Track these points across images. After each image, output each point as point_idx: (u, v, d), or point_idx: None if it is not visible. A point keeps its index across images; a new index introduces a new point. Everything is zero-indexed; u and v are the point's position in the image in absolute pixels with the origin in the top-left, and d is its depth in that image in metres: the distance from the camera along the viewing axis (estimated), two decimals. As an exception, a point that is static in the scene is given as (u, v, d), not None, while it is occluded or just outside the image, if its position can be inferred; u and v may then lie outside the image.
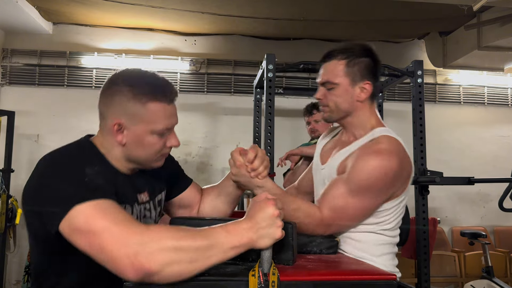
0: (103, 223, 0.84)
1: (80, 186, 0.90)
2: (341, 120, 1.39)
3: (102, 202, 0.88)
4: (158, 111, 1.01)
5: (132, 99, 0.99)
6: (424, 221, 2.58)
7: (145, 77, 1.04)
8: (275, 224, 0.86)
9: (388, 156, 1.21)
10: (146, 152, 1.04)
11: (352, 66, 1.30)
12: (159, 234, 0.82)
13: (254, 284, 0.84)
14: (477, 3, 3.21)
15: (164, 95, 1.02)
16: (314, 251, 1.16)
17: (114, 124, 1.01)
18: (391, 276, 0.91)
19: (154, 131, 1.02)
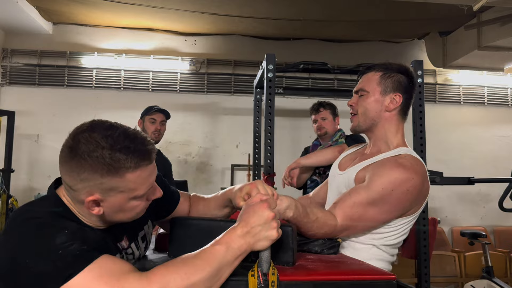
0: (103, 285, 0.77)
1: (56, 262, 0.78)
2: (368, 130, 1.40)
3: (91, 266, 0.79)
4: (138, 178, 0.88)
5: (107, 174, 0.85)
6: (424, 221, 2.58)
7: (115, 142, 0.85)
8: (270, 226, 0.85)
9: (413, 174, 1.23)
10: (128, 215, 0.94)
11: (386, 78, 1.38)
12: (166, 278, 0.79)
13: (254, 284, 0.84)
14: (477, 3, 3.21)
15: (143, 159, 0.88)
16: (315, 250, 1.16)
17: (88, 201, 0.88)
18: (391, 276, 0.91)
19: (136, 197, 0.90)
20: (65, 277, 0.77)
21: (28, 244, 0.81)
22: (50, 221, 0.86)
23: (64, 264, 0.78)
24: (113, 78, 4.50)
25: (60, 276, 0.77)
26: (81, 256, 0.79)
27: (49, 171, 4.09)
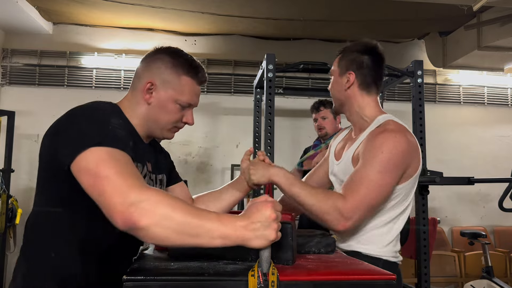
0: (111, 170, 0.88)
1: (103, 131, 0.96)
2: (342, 111, 1.50)
3: (116, 151, 0.92)
4: (188, 85, 1.14)
5: (170, 68, 1.12)
6: (424, 221, 2.58)
7: (186, 56, 1.17)
8: (271, 226, 0.85)
9: (396, 133, 1.30)
10: (165, 118, 1.14)
11: (342, 59, 1.47)
12: (157, 197, 0.85)
13: (254, 284, 0.84)
14: (477, 3, 3.22)
15: (197, 75, 1.15)
16: (312, 251, 1.16)
17: (147, 82, 1.12)
18: (391, 276, 0.91)
19: (178, 101, 1.13)
20: (97, 142, 0.91)
21: (89, 111, 1.02)
22: (112, 109, 1.08)
23: (104, 135, 0.94)
24: (113, 78, 4.50)
25: (94, 139, 0.92)
26: (119, 140, 0.95)
27: (49, 171, 4.08)
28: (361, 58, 1.43)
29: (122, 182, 0.86)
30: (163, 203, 0.84)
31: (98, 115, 1.01)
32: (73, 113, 1.04)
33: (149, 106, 1.14)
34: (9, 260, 4.11)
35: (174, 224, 0.82)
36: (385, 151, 1.26)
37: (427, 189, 2.62)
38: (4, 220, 3.58)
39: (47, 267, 1.04)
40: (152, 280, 0.85)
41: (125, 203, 0.83)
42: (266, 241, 0.85)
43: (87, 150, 0.91)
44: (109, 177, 0.87)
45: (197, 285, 0.86)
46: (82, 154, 0.91)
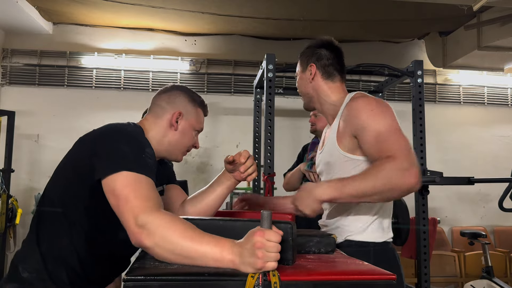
0: (131, 193, 1.01)
1: (138, 158, 1.09)
2: (312, 104, 1.55)
3: (144, 178, 1.05)
4: (201, 116, 1.39)
5: (190, 102, 1.36)
6: (424, 221, 2.59)
7: (195, 94, 1.41)
8: (255, 255, 0.84)
9: (368, 96, 1.38)
10: (184, 142, 1.35)
11: (301, 57, 1.58)
12: (161, 220, 0.96)
13: (251, 284, 0.84)
14: (477, 3, 3.22)
15: (206, 108, 1.41)
16: (312, 251, 1.16)
17: (176, 113, 1.32)
18: (391, 276, 0.91)
19: (195, 128, 1.36)
20: (130, 168, 1.04)
21: (129, 136, 1.15)
22: (142, 135, 1.23)
23: (139, 162, 1.08)
24: (113, 78, 4.50)
25: (130, 165, 1.05)
26: (148, 168, 1.08)
27: (49, 171, 4.07)
28: (318, 50, 1.52)
29: (137, 204, 0.99)
30: (164, 226, 0.94)
31: (137, 142, 1.16)
32: (116, 131, 1.17)
33: (175, 132, 1.33)
34: (9, 260, 4.11)
35: (171, 246, 0.92)
36: (374, 107, 1.31)
37: (427, 189, 2.62)
38: (4, 220, 3.58)
39: (57, 262, 1.14)
40: (152, 280, 0.85)
41: (136, 224, 0.96)
42: (252, 268, 0.85)
43: (120, 173, 1.04)
44: (128, 199, 1.00)
45: (197, 285, 0.86)
46: (116, 174, 1.04)
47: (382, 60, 3.05)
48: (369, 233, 1.38)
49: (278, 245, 0.87)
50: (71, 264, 1.14)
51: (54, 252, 1.14)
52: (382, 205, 1.40)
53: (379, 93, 3.12)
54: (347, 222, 1.40)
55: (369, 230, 1.38)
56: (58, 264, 1.13)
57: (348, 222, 1.40)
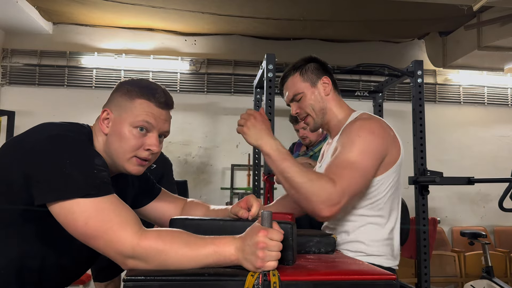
0: (103, 227, 0.89)
1: (89, 178, 0.92)
2: (323, 121, 1.48)
3: (104, 200, 0.91)
4: (142, 106, 1.06)
5: (125, 94, 1.08)
6: (424, 221, 2.58)
7: (144, 82, 1.12)
8: (255, 254, 0.85)
9: (371, 120, 1.34)
10: (121, 146, 1.05)
11: (305, 72, 1.47)
12: (150, 247, 0.88)
13: (250, 283, 0.84)
14: (477, 3, 3.21)
15: (153, 96, 1.08)
16: (312, 251, 1.16)
17: (103, 111, 1.10)
18: (391, 276, 0.91)
19: (132, 124, 1.05)
20: (85, 193, 0.89)
21: (72, 149, 0.95)
22: (88, 143, 1.03)
23: (92, 183, 0.91)
24: (113, 78, 4.50)
25: (83, 190, 0.89)
26: (106, 185, 0.93)
27: (49, 171, 4.08)
28: (319, 65, 1.49)
29: (115, 238, 0.88)
30: (157, 251, 0.87)
31: (82, 155, 0.95)
32: (55, 143, 0.95)
33: (107, 136, 1.08)
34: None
35: (172, 266, 0.88)
36: (362, 135, 1.27)
37: (427, 189, 2.62)
38: (4, 220, 3.57)
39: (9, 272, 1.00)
40: (152, 280, 0.85)
41: (123, 258, 0.89)
42: (252, 266, 0.85)
43: (73, 201, 0.89)
44: (100, 235, 0.89)
45: (197, 285, 0.86)
46: (67, 203, 0.89)
47: (382, 60, 3.05)
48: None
49: (280, 244, 0.87)
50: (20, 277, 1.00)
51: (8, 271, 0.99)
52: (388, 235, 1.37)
53: (379, 93, 3.12)
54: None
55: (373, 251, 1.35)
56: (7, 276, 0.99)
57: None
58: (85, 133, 1.08)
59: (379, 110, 3.07)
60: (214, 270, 0.89)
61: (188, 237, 0.91)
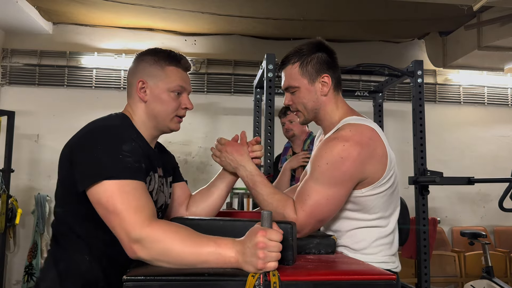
0: (119, 206, 0.96)
1: (115, 162, 1.02)
2: (315, 119, 1.42)
3: (127, 183, 0.99)
4: (173, 73, 1.21)
5: (154, 64, 1.20)
6: (424, 221, 2.59)
7: (164, 50, 1.26)
8: (256, 255, 0.85)
9: (346, 142, 1.22)
10: (164, 109, 1.20)
11: (306, 65, 1.35)
12: (156, 234, 0.93)
13: (251, 284, 0.84)
14: (477, 3, 3.21)
15: (179, 62, 1.23)
16: (312, 252, 1.16)
17: (138, 82, 1.20)
18: (391, 276, 0.91)
19: (170, 89, 1.20)
20: (109, 176, 0.99)
21: (102, 137, 1.07)
22: (123, 128, 1.15)
23: (117, 166, 1.01)
24: (113, 78, 4.50)
25: (106, 173, 0.99)
26: (130, 169, 1.02)
27: (49, 171, 4.09)
28: (325, 57, 1.35)
29: (128, 219, 0.95)
30: (161, 240, 0.92)
31: (111, 141, 1.06)
32: (89, 135, 1.09)
33: (147, 103, 1.20)
34: (9, 260, 4.11)
35: (172, 258, 0.92)
36: (330, 162, 1.21)
37: (427, 189, 2.62)
38: (4, 220, 3.58)
39: (78, 269, 1.11)
40: (152, 280, 0.85)
41: (129, 240, 0.94)
42: (253, 268, 0.86)
43: (100, 184, 0.99)
44: (117, 213, 0.96)
45: (197, 285, 0.86)
46: (96, 186, 0.99)
47: (382, 60, 3.05)
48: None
49: (279, 244, 0.87)
50: (89, 280, 1.10)
51: (70, 271, 1.11)
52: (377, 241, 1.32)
53: (379, 93, 3.12)
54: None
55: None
56: (75, 282, 1.10)
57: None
58: (119, 118, 1.20)
59: (379, 110, 3.08)
60: (214, 270, 0.89)
61: (192, 233, 0.94)
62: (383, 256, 1.32)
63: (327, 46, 1.38)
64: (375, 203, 1.29)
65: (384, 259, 1.32)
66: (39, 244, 4.02)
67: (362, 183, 1.25)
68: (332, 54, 1.38)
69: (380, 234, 1.32)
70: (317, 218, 1.22)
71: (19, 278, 4.10)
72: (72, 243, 1.12)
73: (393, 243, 1.35)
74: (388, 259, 1.33)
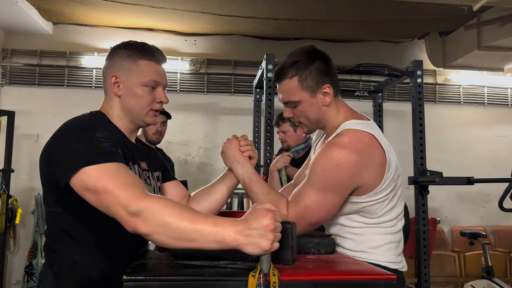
0: (108, 184, 0.95)
1: (89, 149, 1.02)
2: (318, 127, 1.43)
3: (108, 165, 0.99)
4: (146, 67, 1.20)
5: (127, 58, 1.20)
6: (424, 221, 2.59)
7: (139, 43, 1.24)
8: (266, 236, 0.84)
9: (344, 148, 1.21)
10: (138, 103, 1.20)
11: (305, 79, 1.30)
12: (155, 206, 0.91)
13: (253, 284, 0.84)
14: (477, 3, 3.22)
15: (152, 55, 1.21)
16: (312, 252, 1.16)
17: (111, 77, 1.19)
18: (391, 276, 0.91)
19: (143, 83, 1.19)
20: (86, 162, 0.98)
21: (75, 130, 1.09)
22: (94, 121, 1.17)
23: (91, 152, 1.01)
24: (113, 78, 4.50)
25: (84, 160, 0.99)
26: (107, 153, 1.01)
27: (49, 171, 4.08)
28: (321, 64, 1.31)
29: (122, 194, 0.93)
30: (159, 211, 0.90)
31: (83, 132, 1.08)
32: (63, 132, 1.11)
33: (121, 98, 1.21)
34: (9, 260, 4.11)
35: (170, 231, 0.89)
36: (326, 169, 1.21)
37: (427, 189, 2.62)
38: (4, 220, 3.58)
39: (72, 270, 1.12)
40: (152, 280, 0.85)
41: (128, 213, 0.91)
42: (259, 249, 0.84)
43: (80, 171, 0.98)
44: (108, 191, 0.95)
45: (197, 285, 0.86)
46: (77, 175, 0.99)
47: (382, 60, 3.05)
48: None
49: (281, 225, 0.89)
50: (85, 279, 1.11)
51: (65, 271, 1.12)
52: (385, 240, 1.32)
53: (379, 93, 3.12)
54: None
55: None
56: (71, 282, 1.11)
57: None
58: (91, 114, 1.22)
59: (378, 110, 3.08)
60: (214, 270, 0.89)
61: (189, 209, 0.93)
62: (390, 256, 1.31)
63: (321, 52, 1.35)
64: (377, 207, 1.29)
65: (391, 259, 1.31)
66: (39, 244, 4.02)
67: (359, 190, 1.25)
68: (328, 59, 1.35)
69: (387, 235, 1.32)
70: (307, 221, 1.24)
71: (19, 278, 4.10)
72: (63, 245, 1.13)
73: (399, 242, 1.35)
74: (395, 259, 1.33)
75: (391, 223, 1.33)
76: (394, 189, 1.31)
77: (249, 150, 1.35)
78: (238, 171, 1.34)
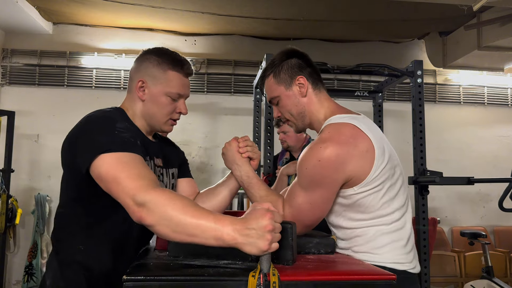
0: (120, 174, 0.99)
1: (110, 137, 1.07)
2: (306, 124, 1.41)
3: (124, 155, 1.03)
4: (174, 78, 1.25)
5: (157, 66, 1.25)
6: (424, 221, 2.58)
7: (171, 52, 1.29)
8: (264, 237, 0.84)
9: (321, 143, 1.20)
10: (159, 111, 1.25)
11: (278, 74, 1.37)
12: (160, 198, 0.93)
13: (253, 285, 0.84)
14: (477, 3, 3.22)
15: (182, 68, 1.26)
16: (312, 252, 1.16)
17: (138, 81, 1.25)
18: (391, 276, 0.91)
19: (168, 94, 1.24)
20: (105, 150, 1.03)
21: (97, 121, 1.15)
22: (116, 113, 1.22)
23: (112, 141, 1.05)
24: (113, 78, 4.50)
25: (103, 148, 1.03)
26: (125, 143, 1.06)
27: (49, 171, 4.09)
28: (294, 61, 1.36)
29: (130, 184, 0.96)
30: (164, 204, 0.92)
31: (105, 123, 1.13)
32: (85, 122, 1.16)
33: (144, 102, 1.25)
34: (9, 260, 4.11)
35: (172, 224, 0.90)
36: (309, 167, 1.21)
37: (427, 189, 2.62)
38: (4, 220, 3.58)
39: (77, 259, 1.17)
40: (152, 280, 0.85)
41: (135, 204, 0.94)
42: (257, 249, 0.84)
43: (98, 158, 1.03)
44: (118, 181, 0.98)
45: (197, 285, 0.86)
46: (95, 161, 1.03)
47: (382, 60, 3.05)
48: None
49: (280, 225, 0.89)
50: (89, 268, 1.16)
51: (69, 258, 1.17)
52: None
53: (379, 93, 3.12)
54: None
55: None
56: (75, 270, 1.16)
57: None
58: (112, 109, 1.25)
59: (378, 110, 3.08)
60: (214, 270, 0.89)
61: (194, 204, 0.94)
62: (396, 256, 1.25)
63: (297, 51, 1.39)
64: (372, 198, 1.23)
65: (397, 258, 1.24)
66: (39, 244, 4.02)
67: (350, 181, 1.22)
68: (304, 57, 1.38)
69: (389, 233, 1.25)
70: (304, 223, 1.22)
71: (19, 278, 4.10)
72: (69, 235, 1.18)
73: (407, 240, 1.28)
74: (403, 258, 1.25)
75: (391, 216, 1.25)
76: (390, 179, 1.25)
77: (249, 151, 1.36)
78: (236, 173, 1.36)
